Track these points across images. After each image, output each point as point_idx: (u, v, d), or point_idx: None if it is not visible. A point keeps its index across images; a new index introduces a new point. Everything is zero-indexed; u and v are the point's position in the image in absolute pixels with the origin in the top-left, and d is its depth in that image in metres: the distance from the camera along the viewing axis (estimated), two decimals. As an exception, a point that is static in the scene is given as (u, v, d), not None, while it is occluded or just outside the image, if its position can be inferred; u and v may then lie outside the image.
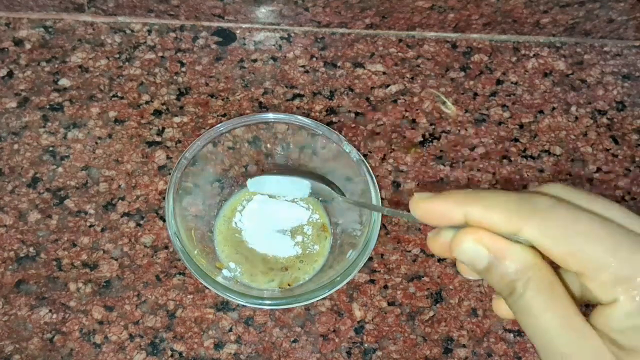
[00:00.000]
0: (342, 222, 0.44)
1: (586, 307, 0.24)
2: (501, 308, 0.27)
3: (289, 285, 0.42)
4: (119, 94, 0.50)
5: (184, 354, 0.41)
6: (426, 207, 0.25)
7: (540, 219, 0.22)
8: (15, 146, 0.47)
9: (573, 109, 0.53)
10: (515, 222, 0.23)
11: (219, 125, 0.42)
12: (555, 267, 0.23)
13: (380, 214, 0.40)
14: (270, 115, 0.43)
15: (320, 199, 0.43)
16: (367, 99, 0.52)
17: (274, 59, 0.53)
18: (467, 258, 0.24)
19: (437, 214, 0.25)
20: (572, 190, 0.24)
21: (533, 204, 0.23)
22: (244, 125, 0.43)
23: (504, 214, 0.23)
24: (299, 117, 0.43)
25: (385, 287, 0.44)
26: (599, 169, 0.50)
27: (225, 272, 0.42)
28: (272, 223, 0.44)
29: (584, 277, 0.22)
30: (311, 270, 0.43)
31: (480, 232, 0.23)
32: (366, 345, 0.42)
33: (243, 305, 0.42)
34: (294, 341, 0.42)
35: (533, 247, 0.23)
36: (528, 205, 0.23)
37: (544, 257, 0.23)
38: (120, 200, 0.46)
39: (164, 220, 0.45)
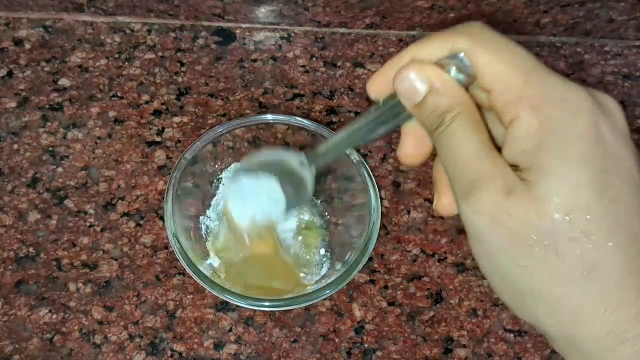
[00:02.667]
0: (341, 222, 0.44)
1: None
2: (444, 205, 0.28)
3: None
4: (119, 94, 0.50)
5: (183, 354, 0.41)
6: (378, 78, 0.27)
7: (472, 33, 0.24)
8: (15, 146, 0.47)
9: (573, 108, 0.53)
10: (450, 39, 0.24)
11: (218, 126, 0.42)
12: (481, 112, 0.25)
13: (379, 216, 0.40)
14: (269, 117, 0.43)
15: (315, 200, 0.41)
16: (367, 99, 0.52)
17: (274, 58, 0.53)
18: (406, 87, 0.25)
19: (388, 74, 0.26)
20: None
21: (466, 26, 0.25)
22: (243, 126, 0.43)
23: (440, 37, 0.25)
24: (298, 118, 0.43)
25: (385, 287, 0.44)
26: (599, 169, 0.50)
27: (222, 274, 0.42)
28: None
29: (493, 94, 0.24)
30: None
31: (425, 66, 0.24)
32: (366, 345, 0.42)
33: (242, 306, 0.42)
34: (294, 341, 0.42)
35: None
36: (461, 27, 0.25)
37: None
38: (120, 200, 0.46)
39: (164, 220, 0.45)
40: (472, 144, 0.24)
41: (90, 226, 0.45)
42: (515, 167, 0.23)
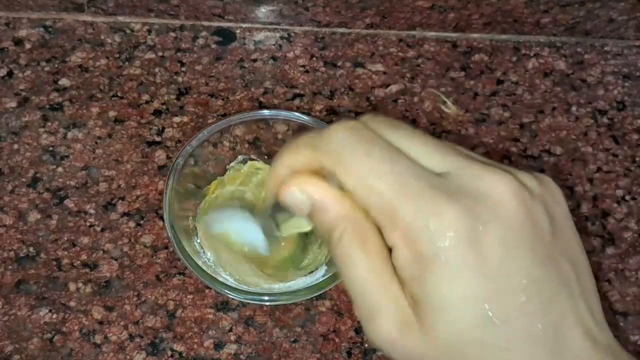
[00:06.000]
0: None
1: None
2: (270, 182, 0.26)
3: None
4: (119, 94, 0.50)
5: (184, 354, 0.41)
6: (272, 183, 0.25)
7: (333, 152, 0.22)
8: (15, 146, 0.47)
9: (573, 108, 0.53)
10: (317, 156, 0.23)
11: (218, 123, 0.42)
12: None
13: None
14: (266, 112, 0.43)
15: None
16: (368, 99, 0.52)
17: (274, 58, 0.53)
18: (291, 205, 0.24)
19: (277, 179, 0.25)
20: (384, 123, 0.24)
21: (327, 140, 0.23)
22: (242, 121, 0.43)
23: (307, 150, 0.23)
24: (297, 113, 0.43)
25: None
26: (599, 169, 0.50)
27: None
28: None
29: (370, 214, 0.22)
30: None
31: (304, 180, 0.23)
32: (366, 345, 0.42)
33: (243, 305, 0.42)
34: (294, 341, 0.42)
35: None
36: (322, 142, 0.23)
37: None
38: (120, 200, 0.46)
39: (164, 220, 0.45)
40: (362, 270, 0.22)
41: (90, 226, 0.45)
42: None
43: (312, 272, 0.42)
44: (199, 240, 0.42)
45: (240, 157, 0.45)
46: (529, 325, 0.21)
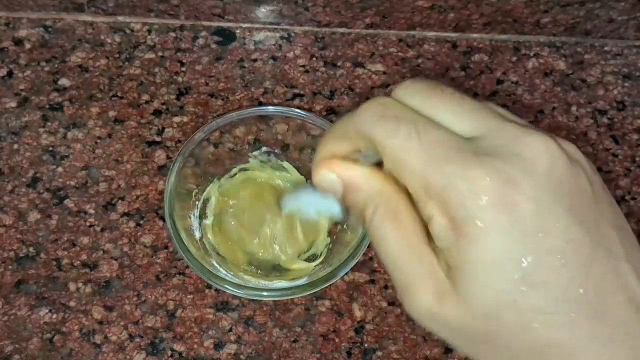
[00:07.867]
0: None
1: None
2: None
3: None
4: (119, 94, 0.50)
5: (183, 354, 0.41)
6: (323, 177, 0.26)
7: (373, 136, 0.23)
8: (15, 146, 0.47)
9: (573, 108, 0.53)
10: (355, 141, 0.24)
11: (237, 112, 0.42)
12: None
13: None
14: (270, 108, 0.43)
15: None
16: (368, 99, 0.52)
17: (274, 58, 0.53)
18: (324, 187, 0.25)
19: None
20: (422, 89, 0.24)
21: (358, 124, 0.23)
22: (240, 117, 0.42)
23: (345, 136, 0.24)
24: (296, 109, 0.43)
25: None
26: (599, 169, 0.50)
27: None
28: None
29: (408, 191, 0.22)
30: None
31: (334, 162, 0.24)
32: (366, 345, 0.42)
33: (243, 305, 0.43)
34: (294, 341, 0.42)
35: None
36: (354, 126, 0.24)
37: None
38: (120, 200, 0.46)
39: (164, 220, 0.45)
40: (395, 244, 0.23)
41: (90, 226, 0.45)
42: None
43: (293, 279, 0.42)
44: (196, 214, 0.43)
45: (264, 148, 0.45)
46: (568, 288, 0.20)
